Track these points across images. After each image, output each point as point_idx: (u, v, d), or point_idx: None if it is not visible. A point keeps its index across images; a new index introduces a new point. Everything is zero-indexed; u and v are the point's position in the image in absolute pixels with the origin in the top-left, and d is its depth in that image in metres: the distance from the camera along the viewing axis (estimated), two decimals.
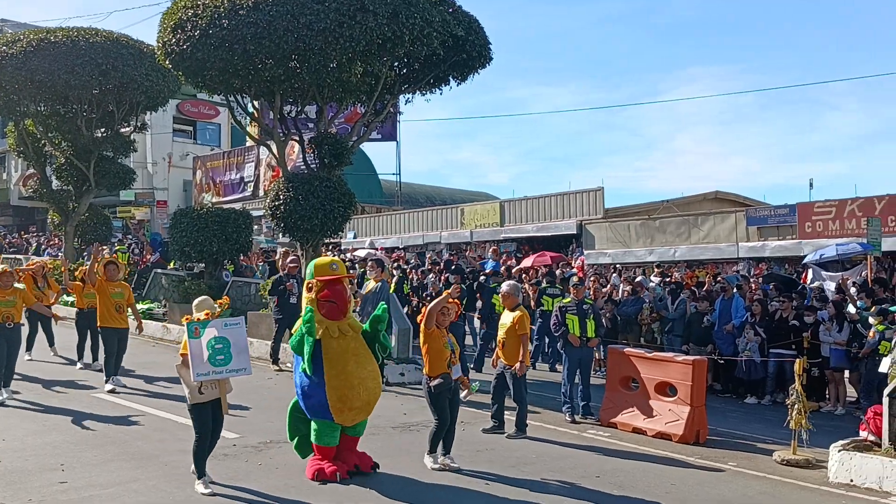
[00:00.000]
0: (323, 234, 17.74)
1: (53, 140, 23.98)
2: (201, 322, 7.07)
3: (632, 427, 10.68)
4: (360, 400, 7.51)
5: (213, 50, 15.37)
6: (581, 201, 27.37)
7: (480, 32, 16.93)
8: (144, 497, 7.04)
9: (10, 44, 21.75)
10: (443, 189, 47.87)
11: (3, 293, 10.99)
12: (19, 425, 9.52)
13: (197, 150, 43.54)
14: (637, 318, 15.68)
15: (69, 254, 24.58)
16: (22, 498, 6.81)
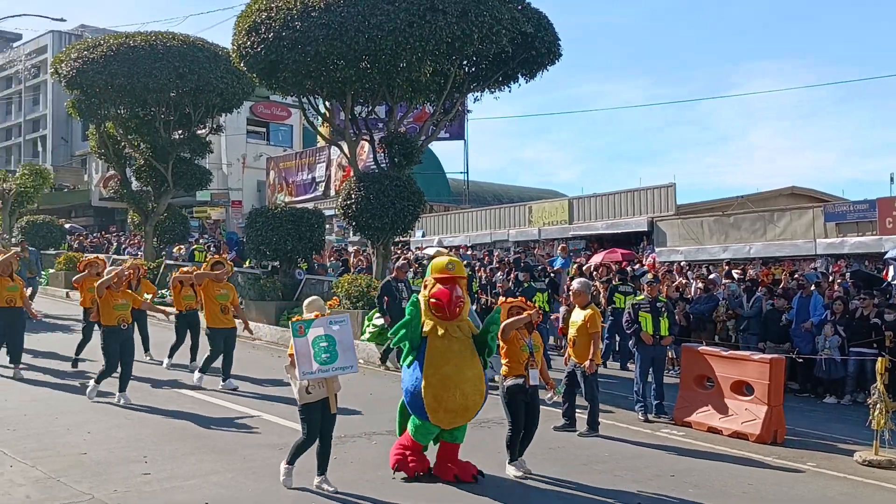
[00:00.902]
0: (393, 233, 17.92)
1: (133, 142, 24.67)
2: (306, 321, 7.05)
3: (707, 426, 10.53)
4: (455, 402, 7.37)
5: (286, 52, 15.65)
6: (652, 198, 27.01)
7: (550, 29, 16.86)
8: (223, 489, 7.22)
9: (91, 49, 22.44)
10: (510, 187, 47.80)
11: (117, 296, 10.83)
12: (104, 419, 9.84)
13: (270, 151, 44.41)
14: (711, 316, 15.44)
15: (149, 253, 25.28)
16: (107, 489, 7.04)
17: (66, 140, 60.37)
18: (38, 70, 60.56)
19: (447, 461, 7.64)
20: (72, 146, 59.64)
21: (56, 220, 33.24)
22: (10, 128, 66.79)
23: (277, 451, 8.41)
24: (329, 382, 7.07)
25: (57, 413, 9.96)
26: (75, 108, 24.49)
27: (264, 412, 10.38)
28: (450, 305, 7.50)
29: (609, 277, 17.56)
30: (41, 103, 62.78)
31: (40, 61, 59.11)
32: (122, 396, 10.56)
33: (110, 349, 10.64)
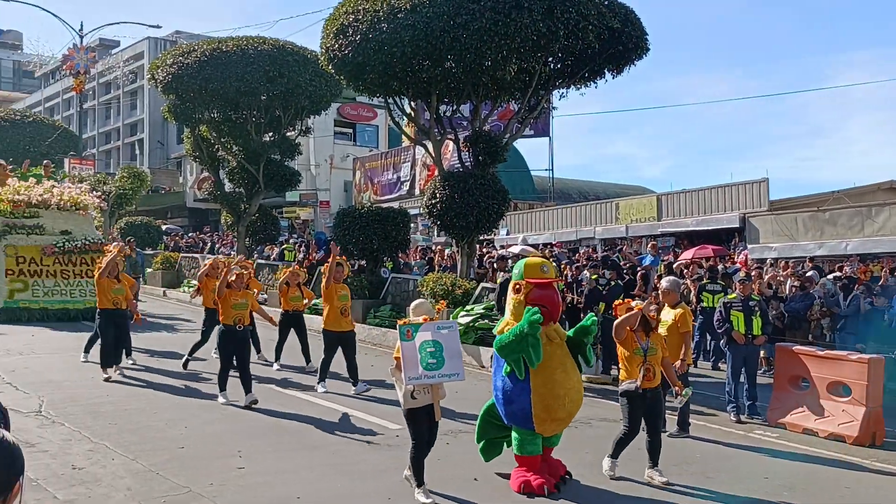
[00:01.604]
0: (477, 231, 17.98)
1: (226, 145, 25.38)
2: (414, 325, 6.91)
3: (802, 428, 10.26)
4: (564, 411, 7.15)
5: (373, 53, 15.87)
6: (744, 193, 26.38)
7: (637, 23, 16.65)
8: (314, 485, 7.38)
9: (186, 54, 23.22)
10: (596, 183, 47.34)
11: (237, 295, 10.69)
12: (201, 415, 10.15)
13: (356, 152, 45.06)
14: (806, 314, 15.00)
15: (241, 253, 25.93)
16: (204, 482, 7.26)
17: (162, 143, 62.41)
18: (135, 76, 62.74)
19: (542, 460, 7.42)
20: (168, 149, 61.64)
21: (153, 221, 34.44)
22: (110, 132, 69.36)
23: (367, 448, 8.58)
24: (434, 389, 6.92)
25: (156, 409, 10.32)
26: (171, 112, 25.36)
27: (354, 409, 10.55)
28: (555, 310, 7.21)
29: (700, 275, 17.23)
30: (139, 108, 65.03)
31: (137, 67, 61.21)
32: (249, 398, 10.37)
33: (226, 349, 10.64)
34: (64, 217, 19.47)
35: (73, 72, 36.53)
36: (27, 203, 19.14)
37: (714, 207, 27.03)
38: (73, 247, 18.74)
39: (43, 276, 18.42)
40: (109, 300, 12.35)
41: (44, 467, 7.47)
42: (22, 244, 18.50)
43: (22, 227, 18.78)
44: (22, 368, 12.45)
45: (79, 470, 7.46)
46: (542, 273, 7.30)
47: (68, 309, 18.03)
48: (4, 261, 18.19)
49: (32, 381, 11.39)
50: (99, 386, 11.50)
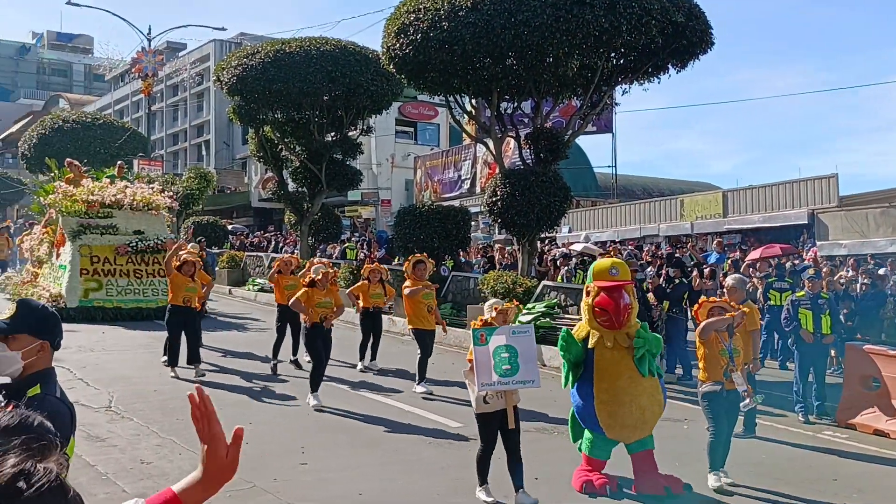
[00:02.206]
0: (539, 229, 17.89)
1: (289, 145, 25.71)
2: (488, 329, 6.76)
3: (873, 429, 9.97)
4: (632, 417, 6.86)
5: (434, 52, 15.91)
6: (812, 189, 25.74)
7: (701, 17, 16.37)
8: (376, 482, 7.45)
9: (250, 56, 23.59)
10: (660, 180, 46.76)
11: (320, 294, 10.64)
12: (264, 411, 10.32)
13: (417, 150, 45.23)
14: (878, 313, 14.58)
15: (304, 251, 26.25)
16: (267, 478, 7.37)
17: (227, 144, 63.51)
18: (201, 78, 63.99)
19: (647, 471, 7.06)
20: (233, 150, 62.71)
21: (219, 221, 35.08)
22: (177, 133, 70.85)
23: (427, 444, 8.61)
24: (508, 394, 6.74)
25: (221, 405, 10.46)
26: (236, 113, 25.78)
27: (417, 407, 10.60)
28: (617, 315, 6.91)
29: (768, 273, 16.89)
30: (205, 109, 66.29)
31: (203, 69, 62.40)
32: (313, 397, 10.26)
33: (316, 347, 10.52)
34: (137, 217, 19.81)
35: (141, 75, 37.45)
36: (101, 203, 19.49)
37: (781, 204, 26.44)
38: (146, 246, 19.02)
39: (116, 275, 18.75)
40: (181, 297, 12.32)
41: (113, 462, 7.68)
42: (96, 244, 18.84)
43: (96, 226, 19.13)
44: (93, 365, 12.80)
45: (147, 464, 7.65)
46: (610, 276, 7.02)
47: (141, 308, 18.29)
48: (79, 260, 18.54)
49: (103, 378, 11.70)
50: (167, 382, 11.77)
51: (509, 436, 6.79)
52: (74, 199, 19.50)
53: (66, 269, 18.60)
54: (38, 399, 2.98)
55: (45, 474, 1.53)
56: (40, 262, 21.01)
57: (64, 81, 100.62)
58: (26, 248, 22.31)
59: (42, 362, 3.16)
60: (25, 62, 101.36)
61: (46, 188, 21.83)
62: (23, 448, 1.60)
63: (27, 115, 78.23)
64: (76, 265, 18.50)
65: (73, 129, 40.45)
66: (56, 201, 19.86)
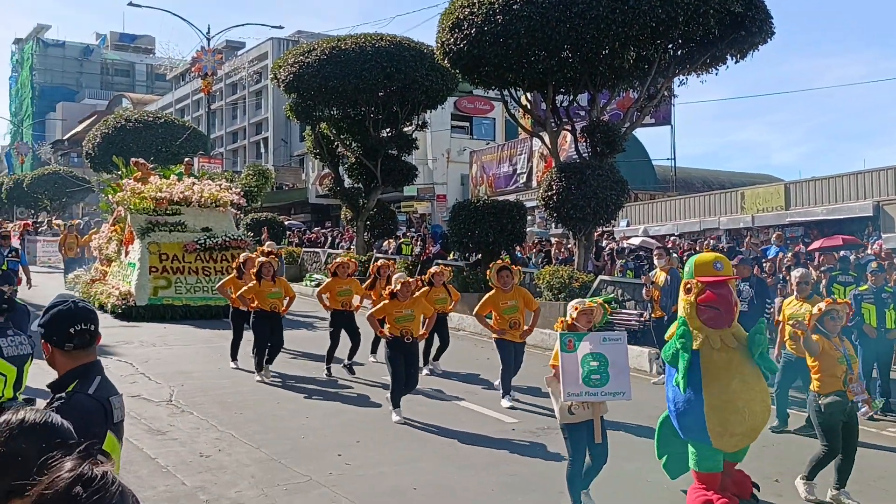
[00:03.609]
0: (596, 223, 17.74)
1: (345, 141, 25.89)
2: (577, 334, 6.31)
3: None
4: (743, 425, 6.30)
5: (489, 46, 15.87)
6: (877, 180, 25.04)
7: (761, 6, 16.03)
8: (429, 476, 7.48)
9: (306, 53, 23.83)
10: (720, 172, 45.95)
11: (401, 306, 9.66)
12: (320, 406, 10.41)
13: (473, 145, 45.19)
14: None
15: (360, 247, 26.44)
16: (323, 471, 7.44)
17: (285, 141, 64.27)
18: (259, 76, 64.82)
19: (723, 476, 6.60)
20: (290, 147, 63.43)
21: (277, 217, 35.51)
22: (237, 131, 71.92)
23: (481, 440, 8.59)
24: (595, 405, 6.28)
25: (279, 399, 10.64)
26: (293, 110, 26.07)
27: (467, 401, 10.60)
28: (729, 312, 6.42)
29: (831, 266, 16.47)
30: (263, 107, 67.17)
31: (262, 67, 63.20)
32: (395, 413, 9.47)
33: (395, 361, 9.56)
34: (205, 214, 19.86)
35: (201, 74, 38.09)
36: (169, 200, 19.59)
37: (845, 195, 25.77)
38: (214, 243, 19.09)
39: (185, 272, 18.75)
40: (267, 304, 11.84)
41: (174, 454, 7.82)
42: (165, 241, 18.92)
43: (164, 224, 19.22)
44: (155, 359, 13.05)
45: (206, 457, 7.77)
46: (714, 271, 6.51)
47: (210, 306, 18.14)
48: (148, 258, 18.58)
49: (164, 372, 11.92)
50: (227, 377, 11.95)
51: (598, 450, 6.33)
52: (143, 196, 19.61)
53: (136, 267, 18.64)
54: (67, 397, 3.05)
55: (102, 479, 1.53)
56: (109, 260, 21.15)
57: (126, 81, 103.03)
58: (95, 246, 22.53)
59: (72, 361, 3.21)
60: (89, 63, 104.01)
61: (114, 186, 22.11)
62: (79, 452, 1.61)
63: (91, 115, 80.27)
64: (145, 263, 18.52)
65: (135, 128, 41.28)
66: (124, 199, 20.02)
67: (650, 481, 7.22)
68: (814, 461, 6.99)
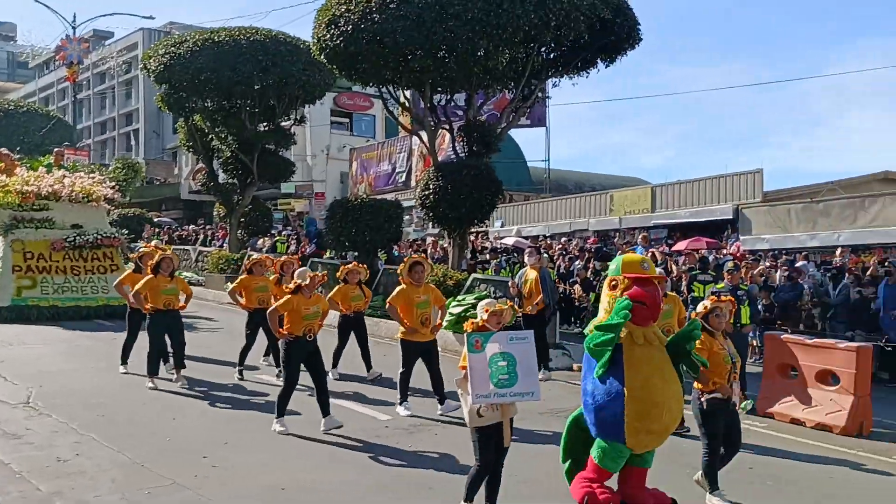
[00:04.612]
0: (470, 223, 17.97)
1: (220, 135, 25.28)
2: (483, 334, 6.14)
3: (790, 417, 10.27)
4: (660, 422, 6.22)
5: (365, 44, 15.84)
6: (738, 184, 26.35)
7: (629, 14, 16.66)
8: (304, 475, 7.41)
9: (178, 44, 23.22)
10: (592, 175, 47.28)
11: (308, 303, 8.97)
12: (188, 407, 10.18)
13: (353, 142, 44.94)
14: (796, 304, 15.05)
15: (233, 245, 25.90)
16: (188, 474, 7.25)
17: (157, 133, 62.33)
18: (129, 66, 62.65)
19: (638, 488, 6.41)
20: (163, 140, 61.55)
21: (146, 213, 34.39)
22: (105, 122, 69.28)
23: (355, 439, 8.56)
24: (504, 406, 6.12)
25: (145, 400, 10.33)
26: (164, 101, 25.29)
27: (350, 401, 10.54)
28: (655, 308, 6.38)
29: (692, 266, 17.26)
30: (133, 98, 64.95)
31: (132, 58, 61.12)
32: (328, 421, 8.83)
33: (292, 363, 8.94)
34: (75, 210, 18.83)
35: (66, 62, 36.51)
36: (36, 195, 18.44)
37: (708, 199, 27.00)
38: (85, 241, 18.18)
39: (52, 272, 17.73)
40: (161, 301, 11.15)
41: (28, 459, 7.48)
42: (30, 239, 17.91)
43: (31, 220, 18.15)
44: (11, 359, 12.46)
45: (64, 462, 7.47)
46: (643, 269, 6.45)
47: (80, 307, 17.29)
48: (11, 256, 17.54)
49: (21, 373, 11.38)
50: (92, 378, 11.51)
51: (500, 450, 6.24)
52: (7, 189, 18.42)
53: None
54: None
55: None
56: None
57: None
58: None
59: None
60: None
61: None
62: None
63: None
64: (8, 262, 17.50)
65: None
66: None
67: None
68: (705, 467, 7.07)
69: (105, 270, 18.21)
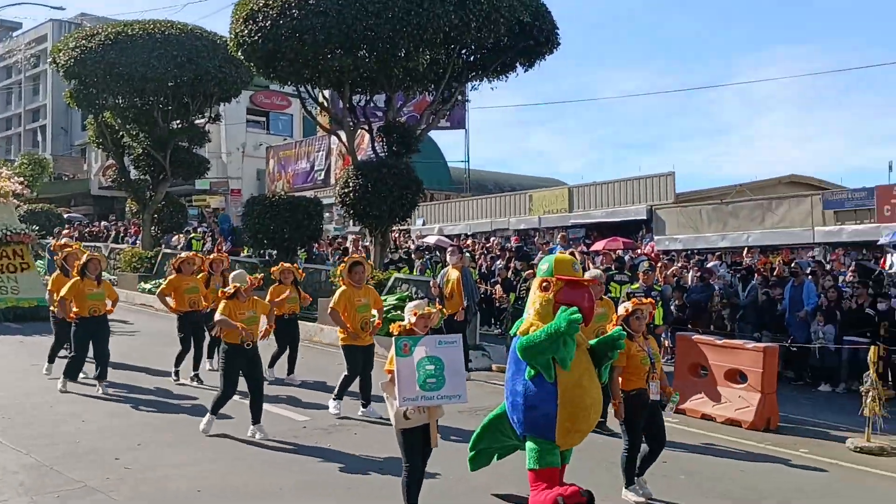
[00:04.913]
0: (391, 221, 17.94)
1: (131, 131, 24.64)
2: (412, 338, 6.08)
3: (700, 413, 10.58)
4: (587, 422, 6.34)
5: (284, 40, 15.64)
6: (651, 186, 27.06)
7: (548, 18, 16.86)
8: (217, 478, 7.30)
9: (89, 38, 22.47)
10: (511, 176, 47.77)
11: (242, 307, 8.64)
12: (100, 409, 9.89)
13: (270, 140, 44.44)
14: (707, 305, 15.47)
15: (146, 242, 25.29)
16: (100, 476, 7.08)
17: (65, 130, 60.41)
18: (37, 59, 60.55)
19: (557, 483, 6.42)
20: (71, 136, 59.68)
21: (55, 209, 33.29)
22: (10, 118, 66.85)
23: (271, 441, 8.45)
24: (431, 409, 6.10)
25: (53, 402, 10.01)
26: (73, 97, 24.50)
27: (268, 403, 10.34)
28: (589, 312, 6.40)
29: (608, 266, 17.59)
30: (41, 93, 62.79)
31: (40, 50, 59.09)
32: (257, 429, 8.58)
33: (230, 372, 8.62)
34: None
35: None
36: None
37: (623, 199, 27.64)
38: None
39: None
40: (87, 306, 10.52)
41: None
42: None
43: None
44: None
45: None
46: (574, 271, 6.49)
47: None
48: None
49: None
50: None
51: (426, 452, 6.21)
52: None
53: None
54: None
55: None
56: None
57: None
58: None
59: None
60: None
61: None
62: None
63: None
64: None
65: None
66: None
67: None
68: (623, 465, 7.15)
69: (15, 269, 17.54)
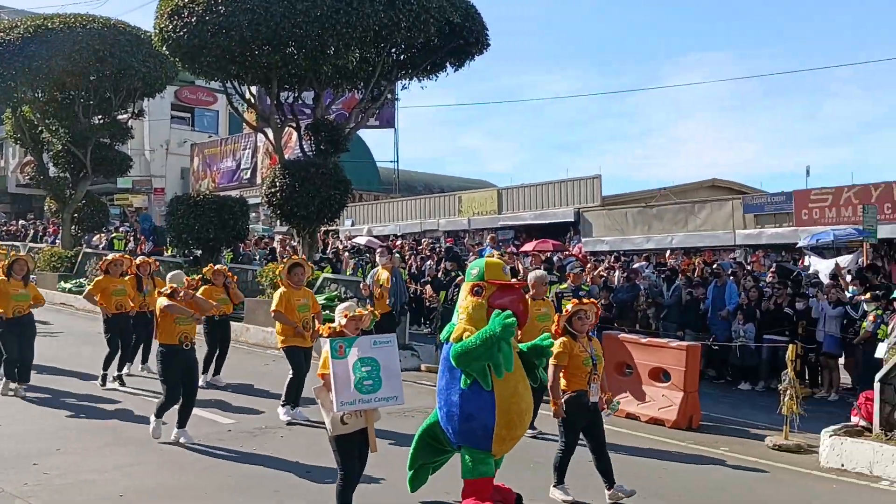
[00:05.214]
0: (319, 221, 17.81)
1: (50, 127, 23.91)
2: (347, 339, 5.92)
3: (625, 412, 10.69)
4: (521, 428, 6.34)
5: (210, 36, 15.40)
6: (579, 189, 27.43)
7: (477, 18, 16.97)
8: (141, 482, 7.12)
9: (7, 31, 21.75)
10: (441, 176, 47.88)
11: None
12: (17, 412, 9.60)
13: (195, 137, 43.57)
14: (633, 304, 15.72)
15: (66, 241, 24.58)
16: (18, 482, 6.87)
17: None
18: None
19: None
20: None
21: None
22: None
23: (194, 443, 8.28)
24: (368, 413, 5.94)
25: None
26: None
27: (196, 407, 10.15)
28: (523, 318, 6.31)
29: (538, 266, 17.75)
30: None
31: None
32: (181, 434, 8.35)
33: (171, 375, 8.41)
34: None
35: None
36: None
37: (551, 202, 27.95)
38: None
39: None
40: (11, 307, 10.31)
41: None
42: None
43: None
44: None
45: None
46: (505, 275, 6.44)
47: None
48: None
49: None
50: None
51: (363, 456, 6.07)
52: None
53: None
54: None
55: None
56: None
57: None
58: None
59: None
60: None
61: None
62: None
63: None
64: None
65: None
66: None
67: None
68: (556, 463, 7.13)
69: None
